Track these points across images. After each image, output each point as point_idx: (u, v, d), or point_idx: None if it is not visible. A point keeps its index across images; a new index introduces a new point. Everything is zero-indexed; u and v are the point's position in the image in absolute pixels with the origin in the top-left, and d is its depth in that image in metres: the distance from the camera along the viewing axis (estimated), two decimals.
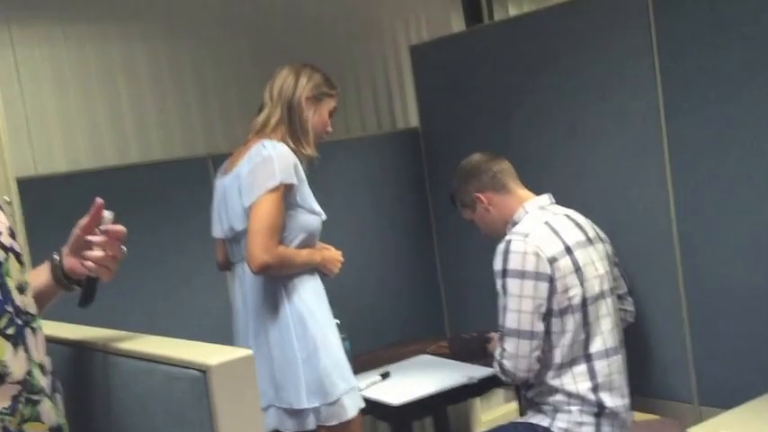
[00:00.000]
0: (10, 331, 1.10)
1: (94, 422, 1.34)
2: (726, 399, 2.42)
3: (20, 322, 1.13)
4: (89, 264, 1.26)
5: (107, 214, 1.27)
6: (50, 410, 1.16)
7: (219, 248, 2.43)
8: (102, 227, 1.26)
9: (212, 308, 2.88)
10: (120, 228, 1.27)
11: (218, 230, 2.35)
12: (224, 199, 2.29)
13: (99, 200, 1.27)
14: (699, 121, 2.45)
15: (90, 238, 1.26)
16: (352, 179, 3.23)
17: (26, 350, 1.13)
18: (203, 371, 1.11)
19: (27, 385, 1.12)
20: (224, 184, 2.31)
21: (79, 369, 1.37)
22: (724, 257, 2.45)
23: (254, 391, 1.13)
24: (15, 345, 1.11)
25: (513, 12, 3.93)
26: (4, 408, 1.08)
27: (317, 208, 2.27)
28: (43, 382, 1.16)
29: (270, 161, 2.15)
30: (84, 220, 1.28)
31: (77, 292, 1.32)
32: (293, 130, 2.27)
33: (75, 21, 2.88)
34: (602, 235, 2.46)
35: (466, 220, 2.59)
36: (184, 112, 3.12)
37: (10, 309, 1.11)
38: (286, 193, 2.17)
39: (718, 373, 2.51)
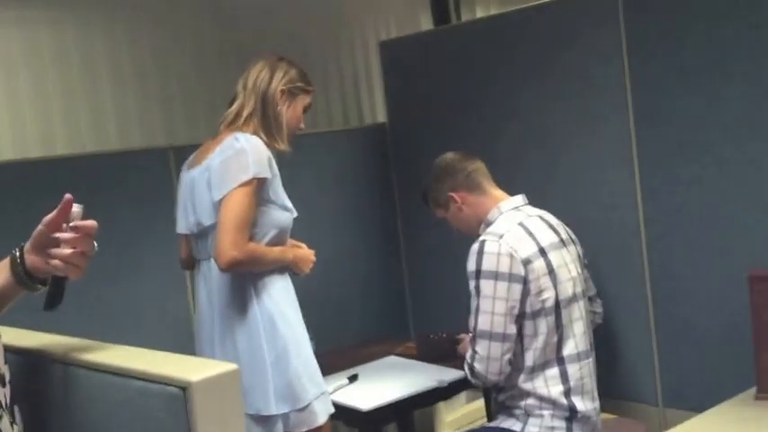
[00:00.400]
0: None
1: None
2: (689, 401, 2.42)
3: None
4: (56, 262, 1.13)
5: (76, 209, 1.15)
6: (8, 428, 1.03)
7: (183, 245, 2.30)
8: (71, 223, 1.14)
9: (171, 307, 2.73)
10: (91, 223, 1.15)
11: (182, 226, 2.21)
12: (191, 192, 2.16)
13: (68, 195, 1.15)
14: (668, 123, 2.43)
15: (58, 234, 1.14)
16: (318, 174, 3.12)
17: None
18: (183, 387, 0.99)
19: None
20: (191, 176, 2.18)
21: (33, 381, 1.24)
22: (691, 261, 2.44)
23: (238, 411, 1.02)
24: None
25: (480, 14, 3.89)
26: None
27: (289, 204, 2.17)
28: (1, 394, 1.03)
29: (243, 154, 2.03)
30: (50, 216, 1.15)
31: (36, 295, 1.19)
32: (267, 123, 2.16)
33: (27, 4, 2.70)
34: (574, 236, 2.42)
35: (437, 218, 2.53)
36: (144, 101, 2.97)
37: None
38: (258, 188, 2.05)
39: (682, 376, 2.51)
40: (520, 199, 2.39)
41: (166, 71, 3.02)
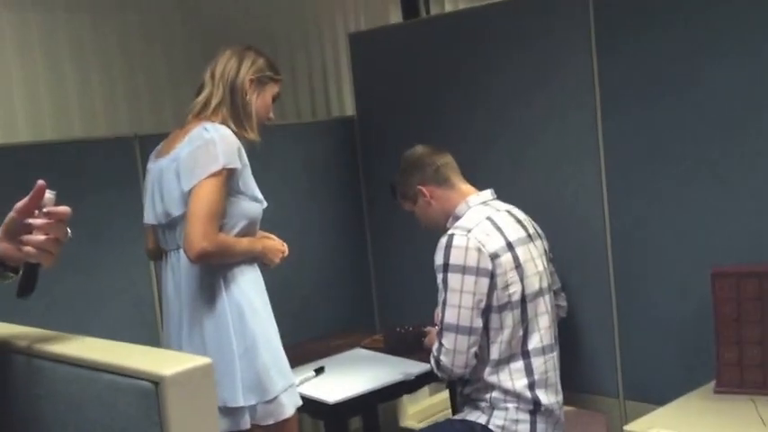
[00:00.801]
0: None
1: None
2: (650, 395, 2.44)
3: None
4: (28, 249, 1.09)
5: (49, 195, 1.11)
6: None
7: (150, 236, 2.23)
8: (45, 209, 1.10)
9: (135, 298, 2.65)
10: (64, 208, 1.11)
11: (150, 216, 2.15)
12: (159, 183, 2.10)
13: (41, 182, 1.10)
14: (634, 120, 2.44)
15: (30, 221, 1.10)
16: (285, 167, 3.07)
17: None
18: (155, 382, 0.95)
19: None
20: (159, 167, 2.11)
21: None
22: (654, 256, 2.45)
23: (212, 406, 0.98)
24: None
25: (449, 8, 3.85)
26: None
27: (259, 195, 2.12)
28: None
29: (212, 144, 1.98)
30: (22, 202, 1.10)
31: (5, 284, 1.14)
32: (236, 113, 2.10)
33: None
34: (540, 231, 2.42)
35: (404, 212, 2.50)
36: (109, 89, 2.87)
37: None
38: (228, 178, 2.00)
39: (643, 370, 2.52)
40: (488, 194, 2.38)
41: (132, 59, 2.93)
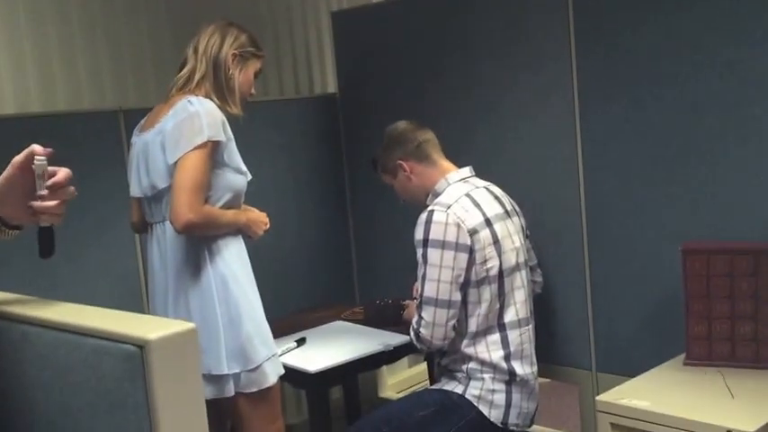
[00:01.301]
0: None
1: (5, 400, 1.15)
2: (622, 367, 2.47)
3: None
4: (44, 216, 1.14)
5: (38, 161, 1.12)
6: None
7: (135, 209, 2.23)
8: (48, 182, 1.13)
9: (121, 270, 2.65)
10: (65, 174, 1.15)
11: (136, 189, 2.14)
12: (144, 156, 2.09)
13: (34, 146, 1.13)
14: (610, 104, 2.45)
15: (39, 195, 1.13)
16: (268, 141, 3.06)
17: None
18: (140, 346, 0.96)
19: None
20: (144, 140, 2.11)
21: None
22: (627, 234, 2.48)
23: (196, 370, 0.99)
24: None
25: None
26: None
27: (244, 167, 2.12)
28: None
29: (197, 117, 1.97)
30: (19, 159, 1.13)
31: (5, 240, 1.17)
32: (219, 87, 2.10)
33: None
34: (518, 208, 2.44)
35: (385, 186, 2.51)
36: (93, 63, 2.84)
37: None
38: (213, 151, 2.00)
39: (616, 343, 2.56)
40: (467, 171, 2.40)
41: (117, 33, 2.89)
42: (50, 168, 1.14)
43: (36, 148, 1.12)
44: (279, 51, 3.38)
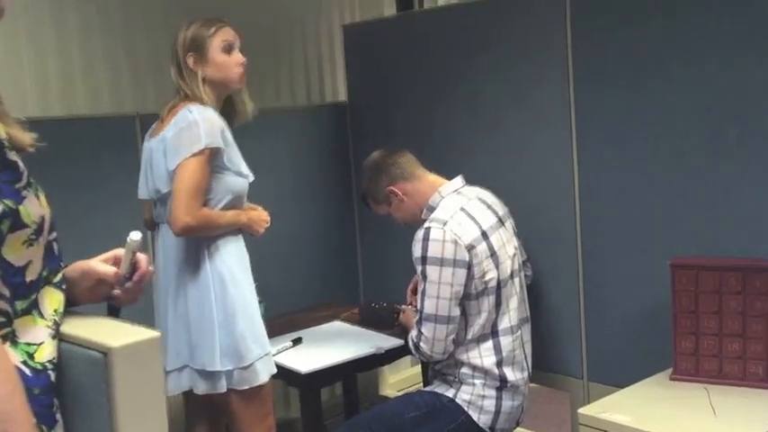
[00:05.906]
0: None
1: None
2: (612, 377, 2.41)
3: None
4: (122, 299, 1.18)
5: (135, 237, 1.20)
6: None
7: (146, 208, 2.26)
8: (135, 277, 1.17)
9: None
10: (150, 272, 1.19)
11: (143, 192, 2.18)
12: (150, 161, 2.12)
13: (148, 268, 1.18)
14: (606, 111, 2.38)
15: (125, 286, 1.18)
16: (279, 147, 3.04)
17: None
18: (104, 352, 0.92)
19: None
20: (151, 146, 2.13)
21: None
22: (619, 246, 2.41)
23: (159, 377, 0.95)
24: None
25: (441, 2, 3.80)
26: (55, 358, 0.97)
27: (245, 170, 2.12)
28: None
29: (195, 125, 1.98)
30: (117, 272, 1.17)
31: None
32: (205, 87, 2.08)
33: None
34: (506, 209, 2.37)
35: (382, 215, 2.45)
36: (114, 68, 2.83)
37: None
38: (212, 157, 2.00)
39: (607, 354, 2.49)
40: (459, 181, 2.33)
41: (135, 39, 2.88)
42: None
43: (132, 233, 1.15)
44: (292, 61, 3.36)
